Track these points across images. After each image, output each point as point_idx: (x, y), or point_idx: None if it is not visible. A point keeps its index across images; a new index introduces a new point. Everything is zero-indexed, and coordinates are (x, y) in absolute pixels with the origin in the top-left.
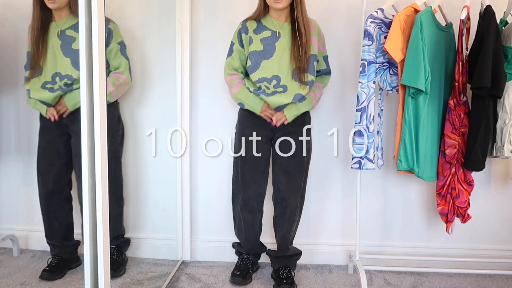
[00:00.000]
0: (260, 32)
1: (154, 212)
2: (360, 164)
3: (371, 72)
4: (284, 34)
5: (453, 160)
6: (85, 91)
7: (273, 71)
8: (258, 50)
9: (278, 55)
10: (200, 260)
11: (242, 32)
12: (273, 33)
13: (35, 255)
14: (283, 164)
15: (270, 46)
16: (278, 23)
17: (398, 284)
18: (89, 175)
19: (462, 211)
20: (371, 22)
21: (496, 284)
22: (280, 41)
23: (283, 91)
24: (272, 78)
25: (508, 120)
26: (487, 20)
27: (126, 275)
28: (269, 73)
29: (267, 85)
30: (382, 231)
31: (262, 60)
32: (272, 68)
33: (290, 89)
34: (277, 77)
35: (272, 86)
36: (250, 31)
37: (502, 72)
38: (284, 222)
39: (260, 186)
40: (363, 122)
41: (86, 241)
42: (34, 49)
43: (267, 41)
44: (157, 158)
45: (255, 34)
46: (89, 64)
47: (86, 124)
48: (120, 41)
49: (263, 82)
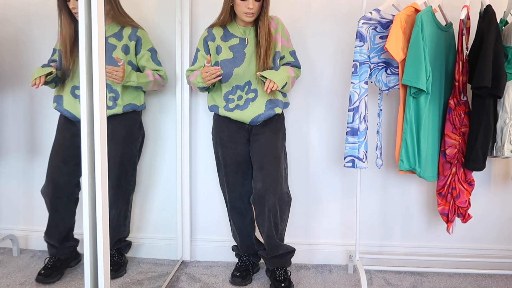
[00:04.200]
0: (227, 40)
1: (154, 212)
2: (353, 163)
3: (363, 73)
4: (251, 39)
5: (454, 160)
6: (85, 92)
7: (245, 77)
8: (228, 58)
9: (247, 61)
10: (200, 260)
11: (209, 40)
12: (241, 40)
13: (35, 255)
14: (259, 160)
15: (240, 53)
16: (245, 29)
17: (398, 284)
18: (89, 175)
19: (463, 211)
20: (363, 23)
21: (496, 284)
22: (248, 47)
23: (254, 96)
24: (245, 84)
25: (508, 120)
26: (487, 20)
27: (126, 275)
28: (242, 80)
29: (240, 93)
30: (382, 231)
31: (233, 68)
32: (243, 75)
33: (260, 91)
34: (248, 82)
35: (245, 92)
36: (217, 38)
37: (502, 72)
38: (265, 221)
39: (244, 186)
40: (356, 122)
41: (86, 241)
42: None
43: (236, 48)
44: (157, 158)
45: (223, 42)
46: (89, 64)
47: (86, 124)
48: (151, 48)
49: (237, 91)
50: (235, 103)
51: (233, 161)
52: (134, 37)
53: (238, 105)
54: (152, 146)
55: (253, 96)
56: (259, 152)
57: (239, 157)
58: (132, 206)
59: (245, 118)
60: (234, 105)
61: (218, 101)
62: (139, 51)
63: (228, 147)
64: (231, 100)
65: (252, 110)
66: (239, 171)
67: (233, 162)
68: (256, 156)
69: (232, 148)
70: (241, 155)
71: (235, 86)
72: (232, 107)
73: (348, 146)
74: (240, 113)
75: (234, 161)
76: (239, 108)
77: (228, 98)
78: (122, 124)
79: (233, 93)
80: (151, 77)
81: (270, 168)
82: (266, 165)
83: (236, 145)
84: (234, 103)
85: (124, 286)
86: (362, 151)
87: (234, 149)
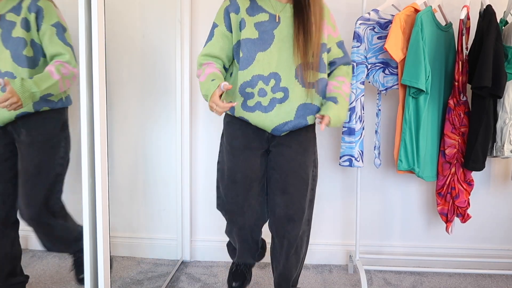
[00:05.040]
0: (255, 14)
1: (154, 212)
2: (350, 162)
3: (360, 73)
4: (285, 19)
5: (453, 160)
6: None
7: (271, 67)
8: (252, 38)
9: (276, 46)
10: (200, 260)
11: (231, 10)
12: (271, 17)
13: (34, 255)
14: (280, 181)
15: (268, 34)
16: (278, 4)
17: (398, 284)
18: (89, 175)
19: (462, 211)
20: (360, 23)
21: (496, 284)
22: (279, 28)
23: (284, 97)
24: (270, 76)
25: (508, 120)
26: (487, 20)
27: (126, 275)
28: (267, 70)
29: (263, 86)
30: (382, 231)
31: (257, 51)
32: (269, 63)
33: (293, 94)
34: (275, 75)
35: (270, 88)
36: (242, 10)
37: (502, 72)
38: (281, 257)
39: (256, 212)
40: (352, 122)
41: (86, 241)
42: None
43: (264, 27)
44: (156, 158)
45: (249, 16)
46: (88, 64)
47: (86, 124)
48: (56, 23)
49: (258, 82)
50: (255, 100)
51: (245, 176)
52: (34, 8)
53: (260, 104)
54: (152, 146)
55: (282, 96)
56: (282, 170)
57: (253, 172)
58: (132, 206)
59: (267, 124)
60: (254, 102)
61: (232, 96)
62: (40, 26)
63: (240, 158)
64: (250, 95)
65: (277, 114)
66: (251, 190)
67: (245, 178)
68: (278, 174)
69: (245, 160)
70: (256, 169)
71: (256, 76)
72: (252, 106)
73: (345, 145)
74: (263, 116)
75: (246, 176)
76: (261, 109)
77: (246, 93)
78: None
79: (252, 85)
80: (55, 75)
81: (295, 192)
82: (291, 188)
83: (250, 156)
84: (254, 99)
85: (124, 286)
86: (358, 150)
87: (248, 161)
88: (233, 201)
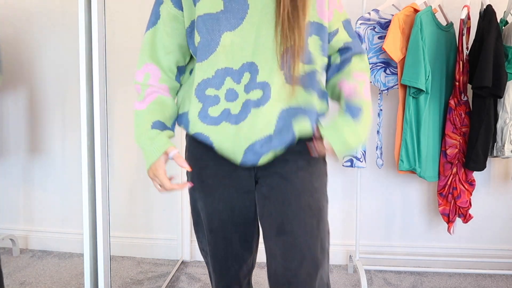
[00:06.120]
0: None
1: (154, 212)
2: (352, 162)
3: None
4: None
5: (454, 160)
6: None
7: (245, 54)
8: (213, 12)
9: (253, 20)
10: (200, 260)
11: None
12: None
13: (34, 255)
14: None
15: (237, 2)
16: None
17: (398, 284)
18: (89, 175)
19: (464, 211)
20: (361, 23)
21: (496, 284)
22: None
23: (262, 98)
24: (243, 69)
25: (509, 119)
26: (487, 20)
27: (126, 275)
28: (238, 59)
29: (232, 85)
30: (382, 231)
31: (222, 32)
32: (242, 48)
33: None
34: (251, 66)
35: (243, 87)
36: None
37: (503, 72)
38: None
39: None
40: None
41: (86, 241)
42: None
43: None
44: None
45: None
46: (88, 64)
47: (86, 124)
48: None
49: (225, 80)
50: (221, 107)
51: (226, 221)
52: None
53: (229, 112)
54: None
55: (259, 96)
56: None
57: (237, 215)
58: (132, 206)
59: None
60: (219, 111)
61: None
62: None
63: (215, 196)
64: (212, 99)
65: (253, 124)
66: (234, 239)
67: (226, 224)
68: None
69: (223, 198)
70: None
71: (222, 70)
72: (217, 116)
73: None
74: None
75: (227, 221)
76: (229, 120)
77: (207, 96)
78: None
79: (216, 85)
80: None
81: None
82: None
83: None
84: (220, 106)
85: (124, 286)
86: (360, 150)
87: (228, 200)
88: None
